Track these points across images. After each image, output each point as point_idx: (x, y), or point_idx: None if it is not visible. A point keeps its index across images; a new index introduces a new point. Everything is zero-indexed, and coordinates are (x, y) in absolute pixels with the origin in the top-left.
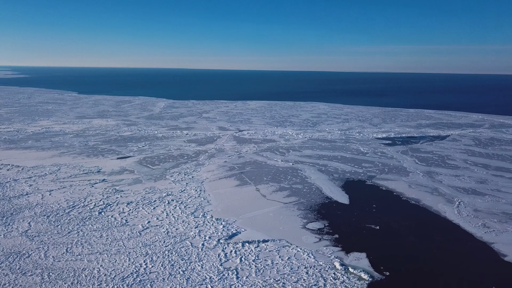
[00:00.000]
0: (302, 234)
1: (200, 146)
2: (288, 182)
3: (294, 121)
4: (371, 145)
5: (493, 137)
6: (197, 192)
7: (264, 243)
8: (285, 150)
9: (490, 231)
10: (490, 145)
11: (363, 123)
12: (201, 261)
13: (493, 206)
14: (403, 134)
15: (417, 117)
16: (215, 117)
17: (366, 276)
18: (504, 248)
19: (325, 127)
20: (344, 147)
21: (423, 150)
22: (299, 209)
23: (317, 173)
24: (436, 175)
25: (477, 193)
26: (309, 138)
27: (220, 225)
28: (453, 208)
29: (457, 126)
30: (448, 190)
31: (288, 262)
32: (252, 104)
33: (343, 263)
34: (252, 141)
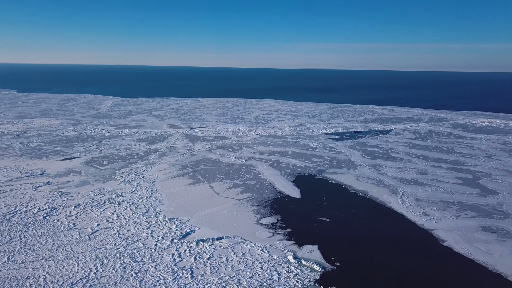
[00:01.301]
0: (256, 230)
1: (151, 144)
2: (242, 179)
3: (246, 118)
4: (320, 140)
5: (432, 130)
6: (149, 192)
7: (219, 241)
8: (238, 147)
9: (430, 218)
10: (429, 138)
11: (312, 119)
12: (154, 262)
13: (433, 195)
14: (350, 129)
15: (363, 113)
16: (166, 114)
17: (318, 267)
18: (443, 234)
19: (276, 123)
20: (294, 142)
21: (369, 144)
22: (253, 205)
23: (269, 169)
24: (381, 168)
25: (418, 183)
26: (261, 135)
27: (173, 224)
28: (397, 198)
29: (399, 121)
30: (392, 181)
31: (242, 258)
32: (204, 101)
33: (296, 256)
34: (205, 138)
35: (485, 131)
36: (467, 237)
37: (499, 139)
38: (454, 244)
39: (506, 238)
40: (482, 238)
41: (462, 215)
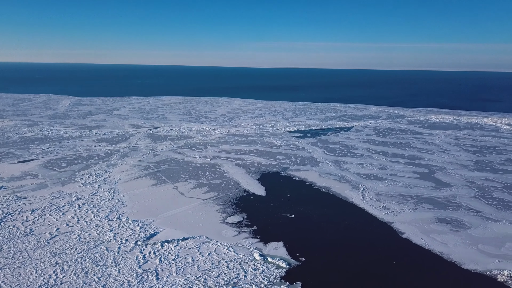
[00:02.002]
0: (222, 229)
1: (112, 145)
2: (207, 178)
3: (210, 116)
4: (284, 138)
5: (390, 127)
6: (111, 194)
7: (184, 241)
8: (202, 146)
9: (389, 212)
10: (388, 134)
11: (276, 117)
12: (118, 266)
13: (392, 189)
14: (312, 127)
15: (325, 111)
16: (127, 114)
17: (284, 264)
18: (402, 226)
19: (241, 122)
20: (259, 141)
21: (331, 141)
22: (218, 204)
23: (234, 168)
24: (343, 164)
25: (378, 178)
26: (225, 134)
27: (137, 226)
28: (358, 193)
29: (360, 118)
30: (354, 177)
31: (208, 258)
32: (166, 100)
33: (262, 254)
34: (168, 138)
35: (439, 127)
36: (424, 228)
37: (452, 135)
38: (412, 236)
39: (459, 228)
40: (437, 229)
41: (419, 208)
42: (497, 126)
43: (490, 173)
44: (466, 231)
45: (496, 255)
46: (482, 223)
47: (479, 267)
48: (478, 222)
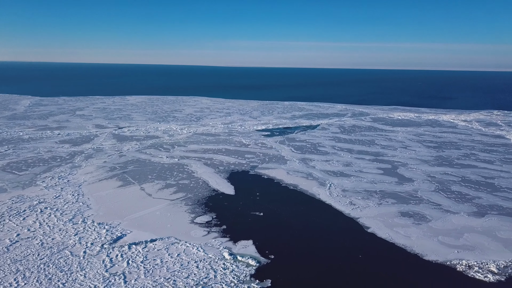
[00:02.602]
0: (191, 229)
1: (75, 146)
2: (175, 178)
3: (177, 116)
4: (252, 137)
5: (355, 124)
6: (75, 197)
7: (152, 243)
8: (169, 146)
9: (355, 207)
10: (352, 132)
11: (244, 116)
12: (83, 270)
13: (357, 185)
14: (280, 125)
15: (292, 109)
16: (91, 114)
17: (253, 262)
18: (367, 221)
19: (209, 121)
20: (227, 140)
21: (298, 139)
22: (187, 205)
23: (203, 167)
24: (310, 161)
25: (344, 175)
26: (193, 133)
27: (103, 229)
28: (325, 190)
29: (325, 116)
30: (321, 174)
31: (178, 259)
32: (132, 99)
33: (232, 253)
34: (134, 138)
35: (401, 124)
36: (388, 222)
37: (413, 131)
38: (377, 230)
39: (421, 221)
40: (401, 223)
41: (384, 203)
42: (454, 123)
43: (448, 168)
44: (427, 224)
45: (455, 246)
46: (442, 215)
47: (439, 258)
48: (438, 214)
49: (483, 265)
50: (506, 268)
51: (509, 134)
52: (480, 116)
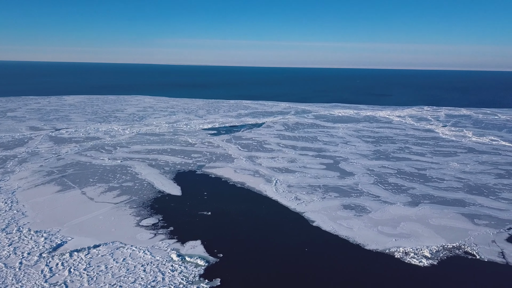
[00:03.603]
0: (137, 232)
1: (7, 150)
2: (118, 181)
3: (119, 116)
4: (199, 136)
5: (298, 122)
6: (8, 205)
7: (96, 249)
8: (111, 148)
9: (301, 202)
10: (296, 129)
11: (189, 115)
12: (19, 282)
13: (302, 180)
14: (226, 124)
15: (237, 108)
16: (24, 115)
17: (202, 262)
18: (312, 215)
19: (152, 120)
20: (173, 139)
21: (244, 138)
22: (132, 208)
23: (147, 168)
24: (256, 159)
25: (289, 171)
26: (136, 133)
27: (41, 237)
28: (271, 186)
29: (270, 114)
30: (267, 171)
31: (123, 264)
32: (70, 99)
33: (180, 254)
34: (73, 140)
35: (341, 121)
36: (332, 215)
37: (353, 127)
38: (322, 223)
39: (362, 213)
40: (343, 215)
41: (327, 197)
42: (390, 118)
43: (385, 161)
44: (368, 215)
45: (393, 235)
46: (381, 206)
47: (379, 247)
48: (377, 206)
49: (418, 251)
50: (438, 252)
51: (438, 128)
52: (413, 112)
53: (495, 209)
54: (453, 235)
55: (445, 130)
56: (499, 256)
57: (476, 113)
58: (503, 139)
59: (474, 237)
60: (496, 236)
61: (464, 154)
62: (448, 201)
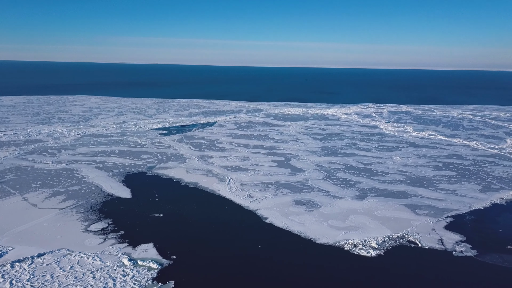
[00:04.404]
0: (85, 238)
1: None
2: (63, 186)
3: (63, 117)
4: (148, 136)
5: (250, 120)
6: None
7: (40, 258)
8: (55, 151)
9: (254, 200)
10: (248, 127)
11: (138, 115)
12: None
13: (254, 178)
14: (177, 123)
15: (188, 107)
16: None
17: (155, 265)
18: (265, 212)
19: (99, 121)
20: (121, 140)
21: (196, 137)
22: (79, 213)
23: (95, 171)
24: (209, 158)
25: (242, 169)
26: (82, 135)
27: None
28: (225, 185)
29: (222, 113)
30: (220, 170)
31: (71, 272)
32: (7, 100)
33: (131, 258)
34: (12, 143)
35: (291, 119)
36: (284, 211)
37: (302, 125)
38: (274, 219)
39: (312, 208)
40: (295, 211)
41: (279, 193)
42: (337, 116)
43: (334, 157)
44: (318, 210)
45: (342, 228)
46: (330, 201)
47: (330, 240)
48: (327, 200)
49: (366, 242)
50: (384, 243)
51: (382, 124)
52: (358, 109)
53: (434, 199)
54: (397, 226)
55: (388, 126)
56: (438, 243)
57: (416, 109)
58: (440, 133)
59: (416, 226)
60: (436, 224)
61: (406, 149)
62: (392, 194)
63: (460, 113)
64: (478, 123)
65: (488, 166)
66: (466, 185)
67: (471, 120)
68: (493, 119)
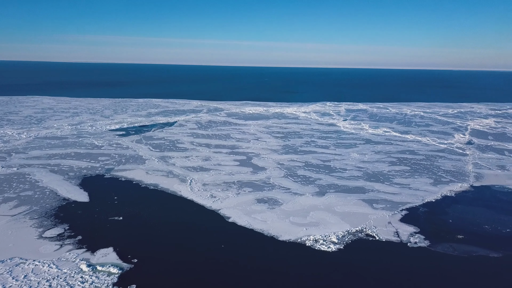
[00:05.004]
0: (40, 245)
1: None
2: (14, 191)
3: (13, 119)
4: (106, 138)
5: (211, 120)
6: None
7: None
8: (5, 154)
9: (216, 200)
10: (209, 127)
11: (94, 115)
12: None
13: (217, 178)
14: (135, 124)
15: (147, 107)
16: None
17: (115, 269)
18: (227, 211)
19: (53, 123)
20: (77, 142)
21: (155, 137)
22: (33, 219)
23: (49, 175)
24: (170, 159)
25: (203, 169)
26: (35, 137)
27: None
28: (186, 186)
29: (182, 113)
30: (181, 170)
31: (25, 281)
32: None
33: (90, 264)
34: None
35: (252, 118)
36: (247, 210)
37: (263, 124)
38: (237, 218)
39: (274, 205)
40: (257, 209)
41: (241, 192)
42: (296, 114)
43: (294, 155)
44: (280, 207)
45: (304, 224)
46: (292, 198)
47: (292, 237)
48: (288, 198)
49: (326, 237)
50: (344, 237)
51: (339, 122)
52: (317, 108)
53: (390, 194)
54: (356, 220)
55: (345, 124)
56: (394, 236)
57: (372, 107)
58: (394, 130)
59: (374, 220)
60: (392, 217)
61: (363, 145)
62: (351, 189)
63: (412, 110)
64: (428, 119)
65: (438, 160)
66: (419, 179)
67: (423, 117)
68: (442, 115)
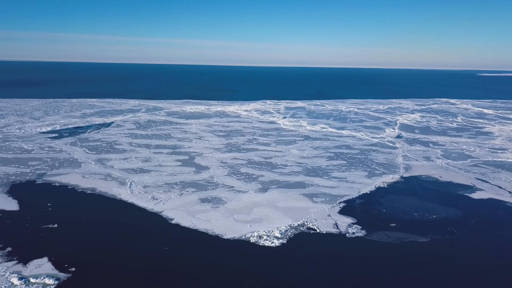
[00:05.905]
0: None
1: None
2: None
3: None
4: (36, 141)
5: (150, 119)
6: None
7: None
8: None
9: (158, 202)
10: (149, 127)
11: (22, 117)
12: None
13: (158, 179)
14: (69, 125)
15: (81, 107)
16: None
17: (51, 280)
18: (170, 213)
19: None
20: (3, 147)
21: (91, 139)
22: None
23: None
24: (107, 161)
25: (144, 171)
26: None
27: None
28: (126, 189)
29: (119, 113)
30: (120, 173)
31: None
32: None
33: (22, 276)
34: None
35: (194, 117)
36: (190, 210)
37: (205, 122)
38: (181, 219)
39: (218, 204)
40: (201, 209)
41: (184, 193)
42: (238, 113)
43: (237, 153)
44: (224, 206)
45: (247, 221)
46: (235, 196)
47: (236, 234)
48: (232, 196)
49: (270, 233)
50: (287, 232)
51: (279, 120)
52: (257, 106)
53: (329, 187)
54: (297, 214)
55: (285, 121)
56: (333, 227)
57: (309, 104)
58: (331, 126)
59: (314, 213)
60: (331, 210)
61: (302, 142)
62: (292, 184)
63: (347, 107)
64: (362, 115)
65: (372, 154)
66: (354, 172)
67: (357, 113)
68: (374, 111)
